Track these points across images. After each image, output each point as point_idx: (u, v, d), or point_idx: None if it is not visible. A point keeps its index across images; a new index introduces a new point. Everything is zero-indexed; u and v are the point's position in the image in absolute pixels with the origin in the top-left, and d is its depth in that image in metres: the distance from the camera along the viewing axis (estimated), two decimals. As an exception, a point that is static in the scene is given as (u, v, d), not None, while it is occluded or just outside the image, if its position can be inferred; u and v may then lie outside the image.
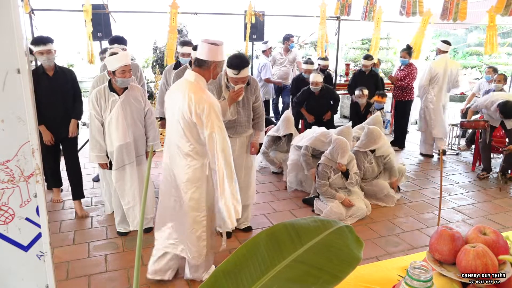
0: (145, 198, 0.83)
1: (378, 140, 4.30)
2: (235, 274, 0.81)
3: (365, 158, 4.37)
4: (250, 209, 3.73)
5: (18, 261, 1.38)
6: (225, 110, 3.24)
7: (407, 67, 6.23)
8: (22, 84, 1.25)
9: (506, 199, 4.58)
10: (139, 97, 3.37)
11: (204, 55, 2.56)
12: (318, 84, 5.32)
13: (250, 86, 3.38)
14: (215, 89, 3.29)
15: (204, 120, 2.44)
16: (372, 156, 4.40)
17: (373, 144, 4.31)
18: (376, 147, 4.32)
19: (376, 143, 4.30)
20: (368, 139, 4.32)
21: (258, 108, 3.52)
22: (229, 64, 3.16)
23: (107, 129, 3.26)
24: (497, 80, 6.04)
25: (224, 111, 3.22)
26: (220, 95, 3.30)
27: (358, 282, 1.57)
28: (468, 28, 14.41)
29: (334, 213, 3.88)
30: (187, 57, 4.33)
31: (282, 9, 8.28)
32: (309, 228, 0.89)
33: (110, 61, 3.16)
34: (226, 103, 3.24)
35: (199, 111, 2.43)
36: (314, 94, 5.39)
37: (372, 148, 4.33)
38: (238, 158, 3.47)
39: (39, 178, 1.35)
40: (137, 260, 0.76)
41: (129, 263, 3.18)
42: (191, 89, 2.48)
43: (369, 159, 4.39)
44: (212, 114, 2.44)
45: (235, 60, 3.14)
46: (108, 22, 5.49)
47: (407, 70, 6.23)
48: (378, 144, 4.31)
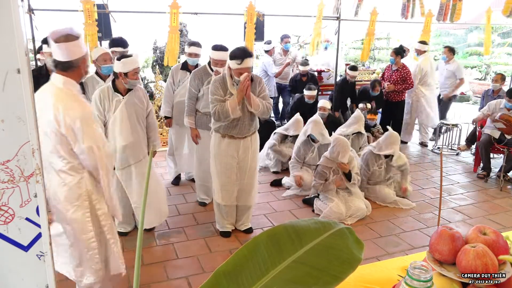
0: (145, 198, 0.83)
1: (392, 145, 4.24)
2: (236, 274, 0.82)
3: (377, 160, 4.35)
4: (251, 211, 3.73)
5: (18, 261, 1.38)
6: (235, 107, 3.20)
7: (402, 69, 6.31)
8: (22, 84, 1.25)
9: (506, 199, 4.58)
10: (142, 98, 3.39)
11: (65, 56, 2.14)
12: (326, 110, 5.28)
13: (253, 83, 3.33)
14: (220, 87, 3.26)
15: (77, 132, 2.13)
16: (385, 161, 4.35)
17: (387, 149, 4.25)
18: (389, 152, 4.25)
19: (389, 149, 4.24)
20: (385, 143, 4.27)
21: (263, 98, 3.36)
22: (232, 56, 3.15)
23: (110, 129, 3.27)
24: (494, 80, 6.07)
25: (233, 109, 3.20)
26: (225, 92, 3.27)
27: (358, 282, 1.57)
28: (468, 28, 14.39)
29: (334, 213, 3.88)
30: (194, 57, 4.32)
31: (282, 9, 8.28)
32: (310, 229, 0.89)
33: (125, 63, 3.15)
34: (235, 100, 3.20)
35: (69, 122, 2.11)
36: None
37: (386, 153, 4.26)
38: (242, 161, 3.46)
39: (39, 178, 1.34)
40: (137, 260, 0.76)
41: (129, 263, 3.17)
42: (59, 97, 2.14)
43: (380, 163, 4.36)
44: (86, 125, 2.15)
45: (237, 51, 3.13)
46: (108, 22, 5.48)
47: (403, 71, 6.30)
48: (392, 150, 4.24)
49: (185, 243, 3.50)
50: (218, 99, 3.25)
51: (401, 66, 6.32)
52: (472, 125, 6.50)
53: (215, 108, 3.23)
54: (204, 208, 4.21)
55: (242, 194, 3.56)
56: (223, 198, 3.50)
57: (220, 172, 3.45)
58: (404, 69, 6.30)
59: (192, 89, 3.96)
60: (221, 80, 3.30)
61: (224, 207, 3.54)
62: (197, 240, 3.56)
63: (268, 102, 3.39)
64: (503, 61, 12.99)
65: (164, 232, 3.68)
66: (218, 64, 3.87)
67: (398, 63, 6.30)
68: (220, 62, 3.86)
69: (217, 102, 3.25)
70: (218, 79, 3.33)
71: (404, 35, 11.72)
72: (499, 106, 5.27)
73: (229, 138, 3.38)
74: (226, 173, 3.44)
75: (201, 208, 4.20)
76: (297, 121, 5.11)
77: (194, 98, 3.99)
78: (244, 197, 3.58)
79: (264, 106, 3.31)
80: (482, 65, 13.17)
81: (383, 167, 4.38)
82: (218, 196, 3.51)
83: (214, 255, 3.33)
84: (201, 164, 4.10)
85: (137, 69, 3.21)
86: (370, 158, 4.34)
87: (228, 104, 3.20)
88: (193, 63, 4.33)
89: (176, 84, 4.37)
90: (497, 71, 9.50)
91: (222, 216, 3.60)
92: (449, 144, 6.47)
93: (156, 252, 3.35)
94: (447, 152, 6.36)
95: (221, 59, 3.85)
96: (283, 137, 5.28)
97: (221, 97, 3.25)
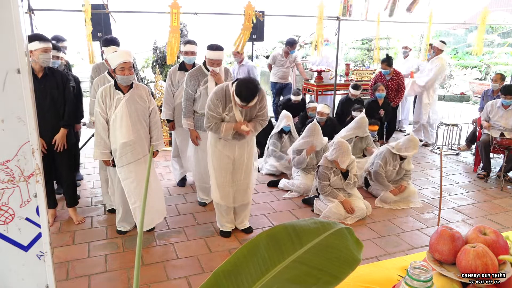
0: (145, 198, 0.83)
1: (412, 149, 4.33)
2: (235, 274, 0.82)
3: (394, 160, 4.43)
4: (249, 207, 3.73)
5: (18, 261, 1.39)
6: (228, 133, 3.23)
7: (397, 76, 6.41)
8: (22, 84, 1.25)
9: (506, 199, 4.58)
10: (144, 96, 3.38)
11: None
12: (324, 114, 5.42)
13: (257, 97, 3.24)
14: (220, 104, 3.22)
15: None
16: (399, 163, 4.44)
17: (406, 151, 4.34)
18: (407, 154, 4.35)
19: (408, 152, 4.33)
20: (405, 146, 4.34)
21: (262, 115, 3.38)
22: (237, 93, 3.07)
23: (112, 126, 3.28)
24: (493, 80, 6.08)
25: (226, 134, 3.24)
26: (225, 108, 3.23)
27: (358, 282, 1.57)
28: (468, 28, 14.40)
29: (333, 213, 3.89)
30: (190, 55, 4.27)
31: (282, 9, 8.28)
32: (309, 229, 0.89)
33: (110, 59, 3.21)
34: (231, 127, 3.22)
35: None
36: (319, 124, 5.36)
37: (404, 154, 4.35)
38: (238, 161, 3.46)
39: (39, 178, 1.35)
40: (137, 260, 0.76)
41: (129, 263, 3.18)
42: None
43: (395, 164, 4.43)
44: None
45: (244, 91, 3.03)
46: (108, 22, 5.49)
47: (398, 79, 6.42)
48: (411, 153, 4.34)
49: (185, 243, 3.50)
50: (214, 117, 3.24)
51: (395, 73, 6.44)
52: (472, 125, 6.51)
53: (210, 125, 3.27)
54: (204, 208, 4.21)
55: (238, 194, 3.56)
56: (221, 197, 3.50)
57: (217, 172, 3.45)
58: (398, 76, 6.43)
59: (189, 90, 3.93)
60: (222, 97, 3.21)
61: (223, 206, 3.55)
62: (197, 240, 3.56)
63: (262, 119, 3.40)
64: (503, 61, 12.99)
65: (164, 232, 3.69)
66: (214, 64, 3.85)
67: (391, 72, 6.41)
68: (216, 62, 3.85)
69: (213, 119, 3.24)
70: (219, 94, 3.22)
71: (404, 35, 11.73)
72: (495, 105, 5.28)
73: (225, 139, 3.38)
74: (222, 173, 3.44)
75: (201, 208, 4.20)
76: (285, 115, 5.28)
77: (191, 99, 3.97)
78: (241, 196, 3.58)
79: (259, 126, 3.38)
80: (482, 65, 13.17)
81: (396, 169, 4.46)
82: (216, 195, 3.51)
83: (214, 255, 3.33)
84: (201, 164, 4.10)
85: (124, 64, 3.14)
86: (388, 157, 4.42)
87: (223, 127, 3.22)
88: (190, 61, 4.28)
89: (175, 85, 4.33)
90: (497, 71, 9.51)
91: (222, 214, 3.60)
92: (449, 144, 6.47)
93: (156, 252, 3.35)
94: (447, 152, 6.36)
95: (217, 58, 3.84)
96: (278, 137, 5.30)
97: (218, 115, 3.24)
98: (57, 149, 3.52)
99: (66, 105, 3.56)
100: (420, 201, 4.45)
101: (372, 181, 4.55)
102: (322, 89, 7.38)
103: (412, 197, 4.42)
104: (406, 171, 4.50)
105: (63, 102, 3.53)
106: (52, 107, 3.47)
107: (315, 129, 4.59)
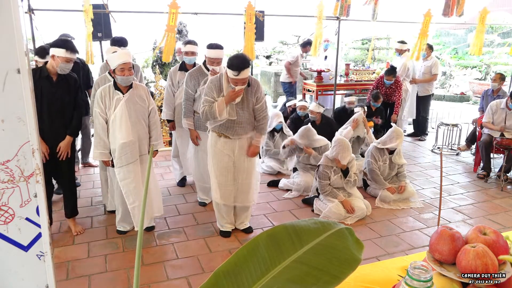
0: (145, 197, 0.83)
1: (396, 140, 4.40)
2: (236, 274, 0.82)
3: (381, 155, 4.49)
4: (250, 210, 3.73)
5: (18, 261, 1.38)
6: (222, 109, 3.19)
7: (394, 84, 6.47)
8: (22, 84, 1.25)
9: (506, 199, 4.58)
10: (143, 96, 3.38)
11: None
12: (314, 113, 5.40)
13: (251, 87, 3.31)
14: (215, 88, 3.25)
15: None
16: (388, 157, 4.50)
17: (391, 143, 4.41)
18: (393, 146, 4.41)
19: (393, 142, 4.40)
20: (389, 138, 4.44)
21: (260, 109, 3.39)
22: (229, 64, 3.08)
23: (111, 127, 3.28)
24: (493, 80, 6.08)
25: (220, 111, 3.20)
26: (219, 94, 3.26)
27: (358, 282, 1.57)
28: (468, 28, 14.39)
29: (333, 213, 3.89)
30: (191, 56, 4.27)
31: (282, 9, 8.29)
32: (310, 229, 0.89)
33: (110, 59, 3.22)
34: (222, 102, 3.19)
35: None
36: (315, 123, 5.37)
37: (389, 146, 4.42)
38: (237, 161, 3.46)
39: (39, 178, 1.34)
40: (137, 260, 0.76)
41: (129, 263, 3.18)
42: None
43: (384, 159, 4.50)
44: None
45: (235, 61, 3.05)
46: (108, 22, 5.49)
47: (395, 85, 6.48)
48: (395, 144, 4.40)
49: (185, 243, 3.50)
50: (209, 100, 3.25)
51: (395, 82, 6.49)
52: (472, 125, 6.51)
53: (204, 108, 3.26)
54: (204, 208, 4.21)
55: (240, 194, 3.56)
56: (222, 197, 3.49)
57: (217, 171, 3.45)
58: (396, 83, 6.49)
59: (189, 90, 3.93)
60: (217, 82, 3.27)
61: (223, 206, 3.54)
62: (197, 240, 3.56)
63: (265, 110, 3.42)
64: (503, 61, 12.98)
65: (164, 232, 3.69)
66: (214, 63, 3.85)
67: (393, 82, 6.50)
68: (216, 61, 3.85)
69: (207, 103, 3.25)
70: (214, 80, 3.30)
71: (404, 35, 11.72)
72: (499, 106, 5.27)
73: (225, 137, 3.38)
74: (223, 172, 3.44)
75: (201, 208, 4.20)
76: (275, 113, 5.38)
77: (191, 99, 3.97)
78: (242, 198, 3.57)
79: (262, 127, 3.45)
80: (482, 65, 13.16)
81: (387, 163, 4.51)
82: (216, 195, 3.51)
83: (214, 255, 3.33)
84: (201, 164, 4.10)
85: (124, 65, 3.14)
86: (375, 153, 4.49)
87: (215, 105, 3.20)
88: (190, 61, 4.28)
89: (175, 86, 4.32)
90: (497, 71, 9.51)
91: (222, 215, 3.60)
92: (449, 144, 6.47)
93: (156, 252, 3.35)
94: (447, 152, 6.36)
95: (217, 57, 3.84)
96: (270, 136, 5.37)
97: (212, 98, 3.25)
98: (60, 157, 3.39)
99: (75, 112, 3.46)
100: (420, 201, 4.45)
101: (370, 180, 4.57)
102: (322, 89, 7.38)
103: (412, 198, 4.43)
104: (398, 166, 4.54)
105: (72, 108, 3.44)
106: (61, 113, 3.36)
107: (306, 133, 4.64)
